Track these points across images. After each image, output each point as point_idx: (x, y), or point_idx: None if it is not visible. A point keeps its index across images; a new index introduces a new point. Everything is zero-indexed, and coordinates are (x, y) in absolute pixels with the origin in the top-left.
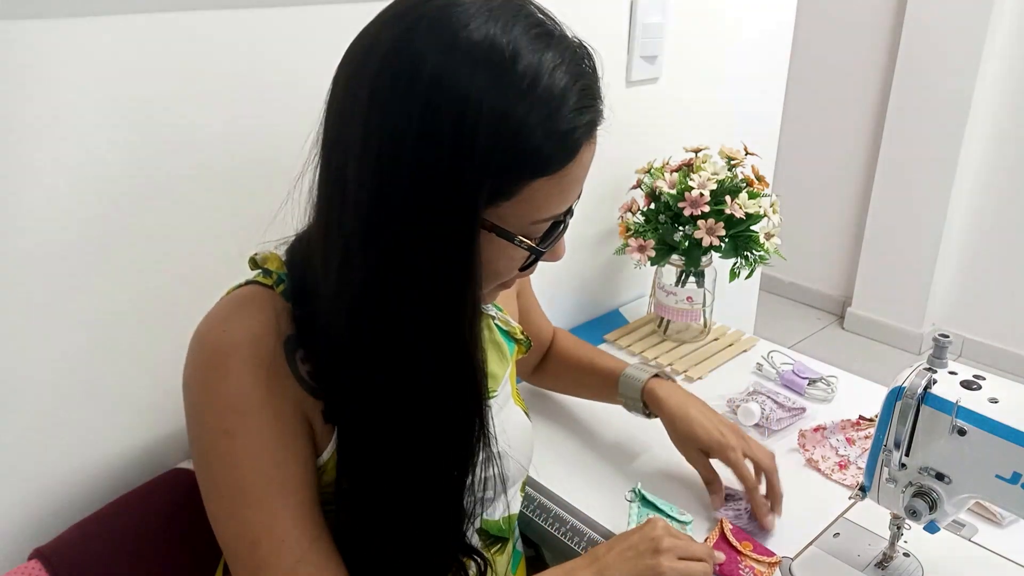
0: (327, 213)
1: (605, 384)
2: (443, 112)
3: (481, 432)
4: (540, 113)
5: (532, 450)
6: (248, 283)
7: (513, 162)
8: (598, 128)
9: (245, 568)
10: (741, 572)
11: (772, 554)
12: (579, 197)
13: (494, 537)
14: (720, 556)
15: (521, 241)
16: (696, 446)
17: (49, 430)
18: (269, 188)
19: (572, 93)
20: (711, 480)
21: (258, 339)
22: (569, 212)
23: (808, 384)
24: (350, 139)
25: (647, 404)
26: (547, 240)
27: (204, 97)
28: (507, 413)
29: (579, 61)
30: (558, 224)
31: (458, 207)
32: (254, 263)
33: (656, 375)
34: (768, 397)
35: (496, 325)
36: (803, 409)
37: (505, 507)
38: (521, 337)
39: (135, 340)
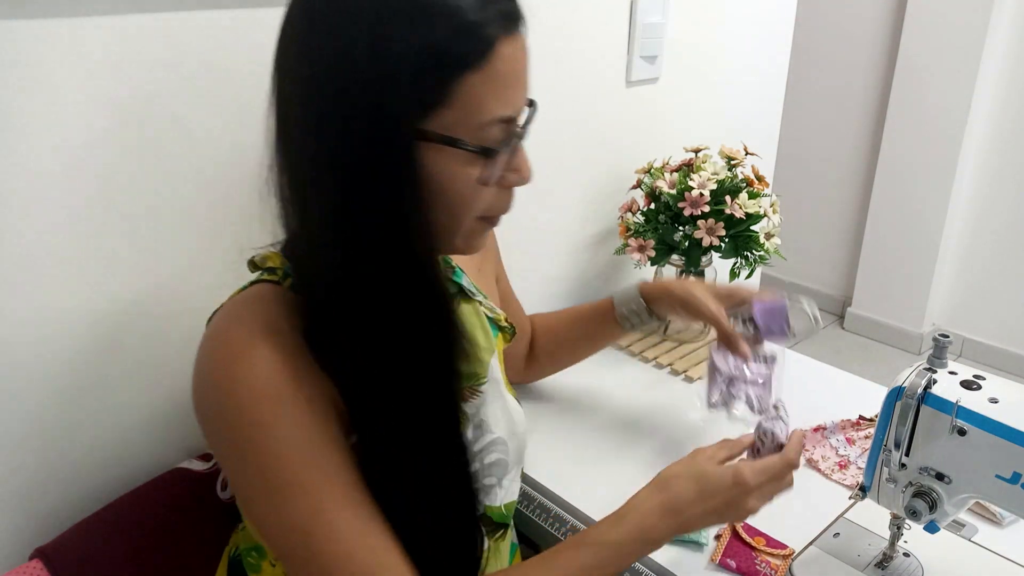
0: (287, 171)
1: (600, 316)
2: (356, 27)
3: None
4: (445, 9)
5: (527, 435)
6: (254, 283)
7: (428, 62)
8: (520, 26)
9: (301, 563)
10: (758, 567)
11: (784, 547)
12: (533, 107)
13: (496, 524)
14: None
15: (466, 144)
16: (699, 295)
17: (49, 430)
18: (270, 187)
19: None
20: (725, 329)
21: (278, 330)
22: (519, 123)
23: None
24: (287, 88)
25: (647, 299)
26: (500, 147)
27: (204, 97)
28: (499, 399)
29: None
30: (511, 131)
31: (389, 118)
32: (254, 265)
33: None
34: (740, 382)
35: (483, 312)
36: (774, 358)
37: (505, 493)
38: (506, 325)
39: (135, 340)
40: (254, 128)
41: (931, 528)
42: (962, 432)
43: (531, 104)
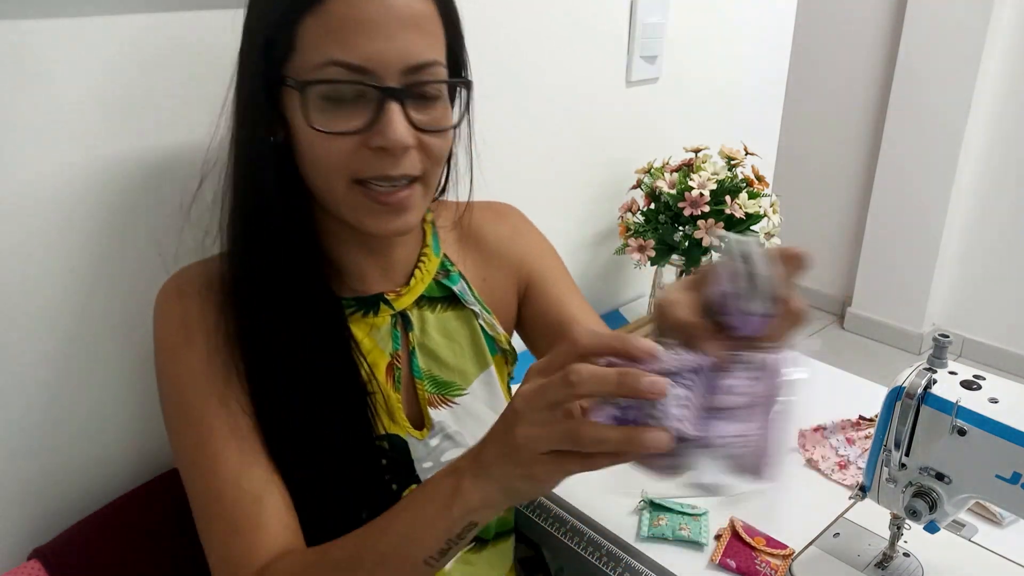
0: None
1: None
2: None
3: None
4: None
5: None
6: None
7: (276, 5)
8: None
9: (190, 491)
10: (758, 568)
11: (784, 547)
12: (465, 87)
13: (478, 538)
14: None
15: (295, 80)
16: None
17: (49, 430)
18: None
19: None
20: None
21: (207, 286)
22: (384, 78)
23: None
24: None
25: None
26: (329, 81)
27: (205, 97)
28: (482, 418)
29: None
30: (357, 79)
31: (255, 64)
32: None
33: None
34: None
35: (480, 325)
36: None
37: None
38: (507, 347)
39: (135, 340)
40: None
41: (931, 528)
42: (962, 432)
43: (467, 85)
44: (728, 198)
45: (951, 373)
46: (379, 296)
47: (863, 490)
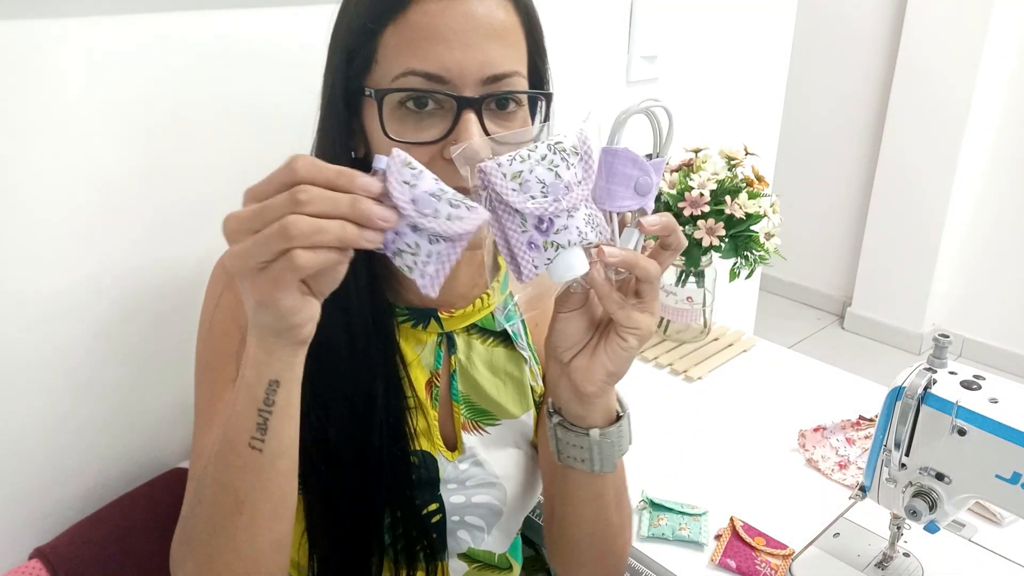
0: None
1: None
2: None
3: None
4: None
5: (530, 498)
6: None
7: (360, 19)
8: None
9: (194, 439)
10: (758, 568)
11: (784, 547)
12: (546, 100)
13: (486, 564)
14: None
15: (372, 90)
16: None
17: (49, 430)
18: None
19: None
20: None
21: None
22: (464, 87)
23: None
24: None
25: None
26: (404, 90)
27: (206, 97)
28: (512, 449)
29: None
30: (434, 88)
31: (339, 75)
32: None
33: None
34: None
35: (528, 371)
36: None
37: (494, 542)
38: (537, 399)
39: (135, 340)
40: (256, 127)
41: (931, 528)
42: (962, 432)
43: (547, 97)
44: (728, 198)
45: (951, 373)
46: (432, 311)
47: (863, 490)
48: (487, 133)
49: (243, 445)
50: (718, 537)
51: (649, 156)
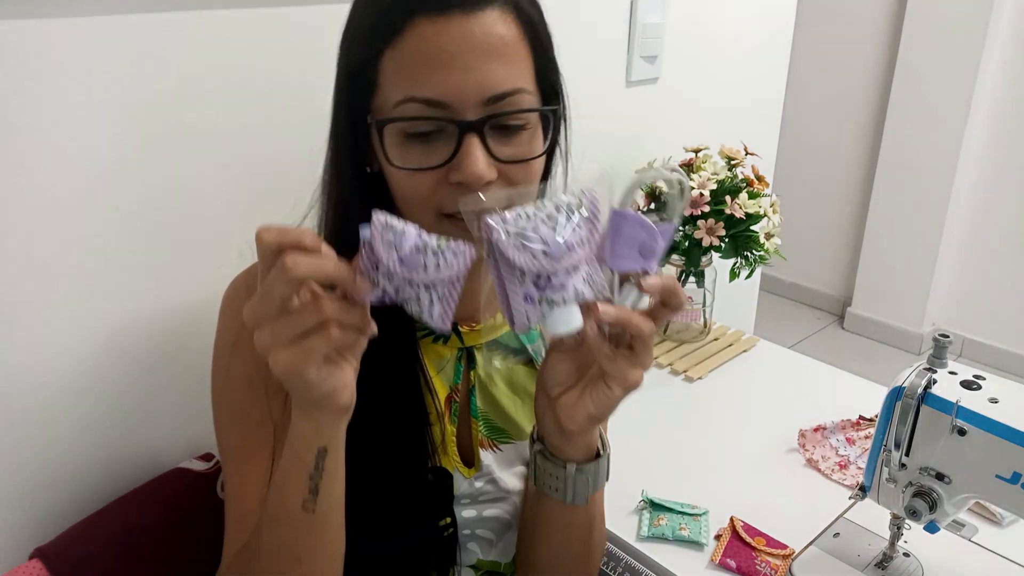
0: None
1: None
2: (350, 15)
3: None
4: None
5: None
6: None
7: (360, 42)
8: (451, 9)
9: (224, 474)
10: (758, 568)
11: (784, 547)
12: (483, 99)
13: (493, 572)
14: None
15: (373, 119)
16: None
17: (49, 430)
18: (272, 188)
19: None
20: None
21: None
22: (463, 112)
23: None
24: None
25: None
26: (404, 119)
27: (207, 97)
28: (518, 466)
29: None
30: (433, 114)
31: (343, 101)
32: None
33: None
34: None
35: None
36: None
37: (502, 552)
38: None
39: (135, 340)
40: (257, 127)
41: (931, 528)
42: (962, 432)
43: (552, 113)
44: (728, 198)
45: (951, 373)
46: (453, 325)
47: (863, 490)
48: (491, 154)
49: (296, 508)
50: (718, 537)
51: (657, 216)
